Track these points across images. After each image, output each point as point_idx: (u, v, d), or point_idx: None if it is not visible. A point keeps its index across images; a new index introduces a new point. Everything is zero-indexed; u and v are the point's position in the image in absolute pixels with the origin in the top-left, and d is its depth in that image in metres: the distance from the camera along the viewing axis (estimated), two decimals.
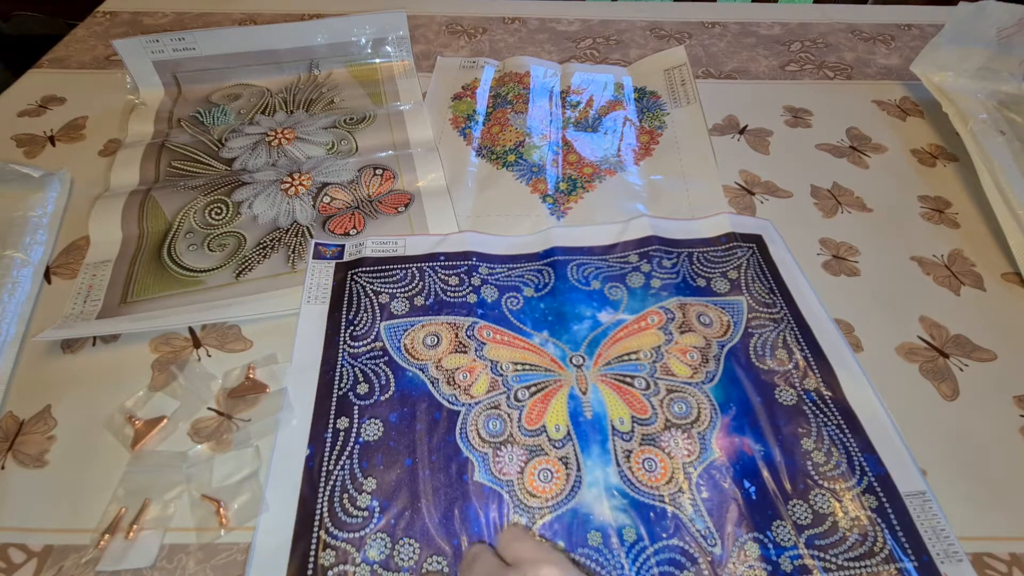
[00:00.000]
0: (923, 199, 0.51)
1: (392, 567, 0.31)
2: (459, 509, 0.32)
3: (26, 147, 0.56)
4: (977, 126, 0.52)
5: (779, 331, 0.40)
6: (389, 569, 0.30)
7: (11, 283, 0.43)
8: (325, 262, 0.45)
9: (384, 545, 0.31)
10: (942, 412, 0.38)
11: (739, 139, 0.58)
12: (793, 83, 0.65)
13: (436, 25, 0.74)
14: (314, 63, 0.64)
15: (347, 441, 0.35)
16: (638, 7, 0.79)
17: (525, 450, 0.35)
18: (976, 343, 0.41)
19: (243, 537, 0.32)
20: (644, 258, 0.44)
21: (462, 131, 0.58)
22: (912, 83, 0.63)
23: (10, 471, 0.35)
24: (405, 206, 0.50)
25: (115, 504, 0.33)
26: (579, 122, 0.58)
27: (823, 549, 0.31)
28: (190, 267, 0.45)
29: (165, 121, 0.59)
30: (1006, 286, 0.45)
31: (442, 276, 0.43)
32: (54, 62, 0.67)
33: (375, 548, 0.31)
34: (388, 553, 0.31)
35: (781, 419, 0.36)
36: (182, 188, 0.51)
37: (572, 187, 0.52)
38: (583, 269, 0.44)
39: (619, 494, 0.33)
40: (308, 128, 0.57)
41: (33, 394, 0.38)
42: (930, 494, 0.33)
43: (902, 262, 0.46)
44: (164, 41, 0.60)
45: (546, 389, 0.37)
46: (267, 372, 0.39)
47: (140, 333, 0.41)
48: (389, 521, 0.32)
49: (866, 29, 0.74)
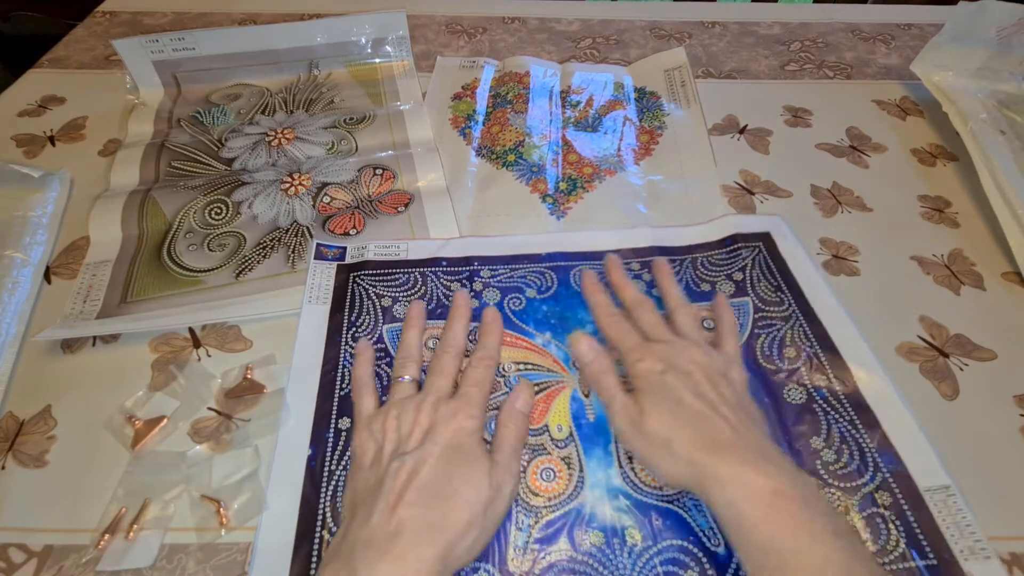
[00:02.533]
0: (923, 199, 0.51)
1: None
2: None
3: (26, 147, 0.56)
4: (977, 126, 0.52)
5: (787, 328, 0.40)
6: None
7: (11, 283, 0.43)
8: (327, 263, 0.45)
9: None
10: (942, 412, 0.38)
11: (739, 139, 0.58)
12: (793, 83, 0.65)
13: (436, 25, 0.74)
14: (314, 63, 0.64)
15: (349, 441, 0.35)
16: (638, 7, 0.79)
17: (528, 449, 0.35)
18: (976, 343, 0.41)
19: (243, 537, 0.32)
20: (646, 267, 0.44)
21: (462, 131, 0.58)
22: (912, 83, 0.63)
23: (10, 471, 0.35)
24: (405, 206, 0.50)
25: (115, 504, 0.33)
26: (579, 122, 0.58)
27: None
28: (190, 267, 0.45)
29: (165, 121, 0.59)
30: (1006, 286, 0.45)
31: (444, 281, 0.43)
32: (54, 62, 0.67)
33: None
34: None
35: (790, 419, 0.36)
36: (182, 188, 0.51)
37: (572, 187, 0.52)
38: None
39: (622, 495, 0.33)
40: (308, 128, 0.57)
41: (33, 394, 0.38)
42: (955, 488, 0.33)
43: (902, 262, 0.46)
44: (164, 41, 0.60)
45: (548, 389, 0.37)
46: (265, 373, 0.39)
47: (140, 333, 0.41)
48: None
49: (866, 29, 0.74)
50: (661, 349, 0.34)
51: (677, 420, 0.30)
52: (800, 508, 0.26)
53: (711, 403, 0.31)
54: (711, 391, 0.31)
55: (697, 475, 0.29)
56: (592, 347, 0.35)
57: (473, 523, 0.28)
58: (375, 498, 0.29)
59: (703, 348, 0.34)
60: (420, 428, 0.32)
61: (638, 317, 0.37)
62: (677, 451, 0.29)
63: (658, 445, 0.30)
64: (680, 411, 0.31)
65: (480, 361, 0.36)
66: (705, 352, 0.34)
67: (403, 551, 0.26)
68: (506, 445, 0.32)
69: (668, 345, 0.34)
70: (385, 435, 0.32)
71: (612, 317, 0.37)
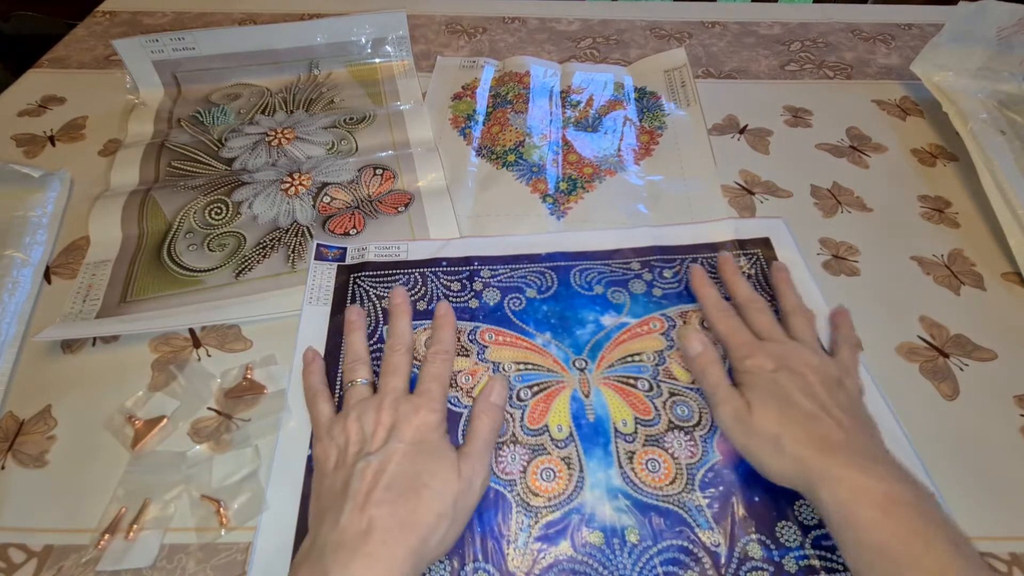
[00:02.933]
0: (923, 199, 0.51)
1: None
2: None
3: (26, 147, 0.56)
4: (977, 126, 0.52)
5: None
6: None
7: (11, 283, 0.43)
8: (327, 263, 0.45)
9: None
10: (942, 412, 0.38)
11: (739, 139, 0.58)
12: (793, 83, 0.65)
13: (436, 25, 0.74)
14: (314, 63, 0.64)
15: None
16: (638, 7, 0.79)
17: (527, 449, 0.35)
18: (976, 343, 0.41)
19: (243, 537, 0.32)
20: (646, 267, 0.44)
21: (462, 131, 0.58)
22: (912, 83, 0.63)
23: (10, 471, 0.35)
24: (405, 206, 0.50)
25: (115, 504, 0.33)
26: (579, 122, 0.58)
27: (830, 550, 0.31)
28: (190, 267, 0.45)
29: (165, 121, 0.59)
30: (1006, 286, 0.45)
31: (444, 281, 0.43)
32: (54, 62, 0.67)
33: None
34: None
35: None
36: (182, 188, 0.51)
37: (572, 187, 0.52)
38: (586, 274, 0.44)
39: (622, 495, 0.33)
40: (308, 128, 0.57)
41: (33, 394, 0.38)
42: (939, 497, 0.33)
43: (902, 262, 0.46)
44: (164, 41, 0.60)
45: (548, 389, 0.37)
46: (265, 373, 0.39)
47: (140, 333, 0.41)
48: None
49: (866, 29, 0.74)
50: (773, 348, 0.34)
51: (786, 417, 0.30)
52: (915, 514, 0.26)
53: (823, 404, 0.31)
54: (824, 393, 0.31)
55: (805, 473, 0.28)
56: (702, 340, 0.36)
57: (444, 515, 0.28)
58: (342, 500, 0.28)
59: (819, 353, 0.34)
60: (383, 427, 0.32)
61: (751, 316, 0.37)
62: (785, 448, 0.29)
63: (765, 441, 0.30)
64: (790, 409, 0.30)
65: (436, 356, 0.36)
66: (820, 357, 0.34)
67: (374, 549, 0.26)
68: (478, 437, 0.33)
69: (781, 345, 0.34)
70: (348, 437, 0.32)
71: (723, 312, 0.37)
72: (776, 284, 0.41)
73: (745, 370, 0.33)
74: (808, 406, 0.30)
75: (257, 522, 0.32)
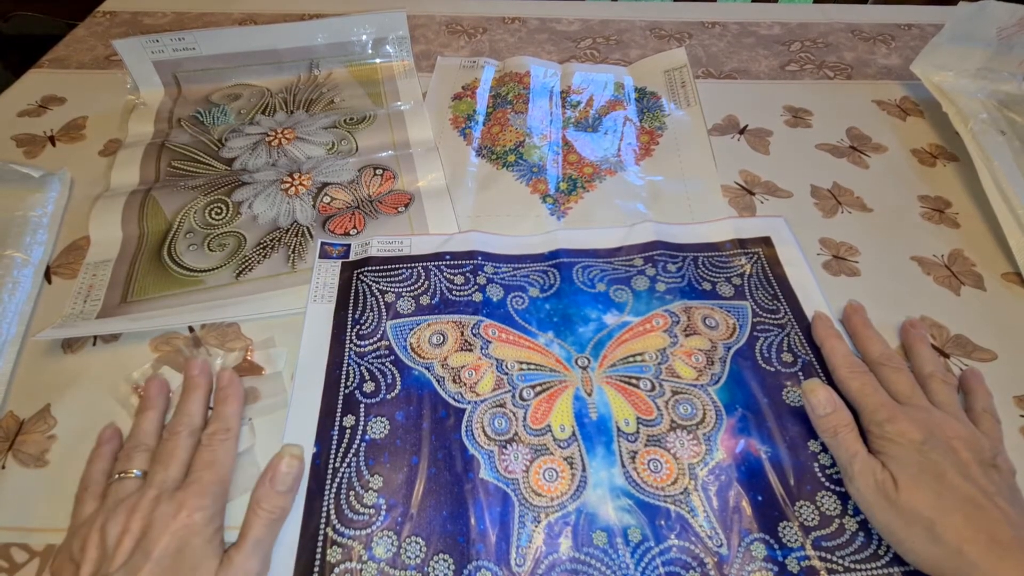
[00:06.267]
0: (923, 199, 0.51)
1: (399, 565, 0.31)
2: (465, 507, 0.32)
3: (26, 147, 0.56)
4: (977, 126, 0.52)
5: (784, 335, 0.40)
6: (396, 567, 0.30)
7: (11, 283, 0.43)
8: (331, 261, 0.45)
9: (391, 543, 0.31)
10: None
11: (739, 139, 0.58)
12: (793, 83, 0.65)
13: (436, 25, 0.74)
14: (314, 63, 0.64)
15: (353, 439, 0.35)
16: (638, 7, 0.79)
17: (530, 449, 0.35)
18: (976, 343, 0.41)
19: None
20: (649, 262, 0.44)
21: (462, 131, 0.58)
22: (912, 83, 0.63)
23: (10, 471, 0.35)
24: (405, 206, 0.50)
25: None
26: (579, 122, 0.58)
27: (830, 551, 0.31)
28: (190, 267, 0.45)
29: (165, 121, 0.59)
30: (1006, 286, 0.45)
31: (447, 275, 0.43)
32: (54, 62, 0.67)
33: (382, 546, 0.31)
34: (395, 551, 0.31)
35: (788, 420, 0.36)
36: (182, 188, 0.50)
37: (572, 187, 0.52)
38: (588, 272, 0.44)
39: (624, 495, 0.33)
40: (308, 128, 0.57)
41: (33, 394, 0.38)
42: None
43: (902, 262, 0.46)
44: (164, 41, 0.60)
45: (551, 389, 0.37)
46: (264, 355, 0.40)
47: (140, 333, 0.41)
48: (396, 519, 0.32)
49: (866, 29, 0.74)
50: (917, 414, 0.31)
51: (942, 501, 0.27)
52: None
53: (983, 490, 0.28)
54: (981, 475, 0.28)
55: (967, 571, 0.26)
56: (831, 399, 0.33)
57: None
58: None
59: (967, 425, 0.31)
60: (130, 536, 0.27)
61: (887, 376, 0.34)
62: (942, 537, 0.27)
63: (915, 523, 0.28)
64: (945, 491, 0.28)
65: (213, 437, 0.32)
66: (969, 430, 0.31)
67: None
68: (250, 535, 0.29)
69: (927, 412, 0.31)
70: (85, 553, 0.27)
71: (855, 369, 0.34)
72: (910, 344, 0.38)
73: (887, 437, 0.30)
74: (967, 490, 0.28)
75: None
